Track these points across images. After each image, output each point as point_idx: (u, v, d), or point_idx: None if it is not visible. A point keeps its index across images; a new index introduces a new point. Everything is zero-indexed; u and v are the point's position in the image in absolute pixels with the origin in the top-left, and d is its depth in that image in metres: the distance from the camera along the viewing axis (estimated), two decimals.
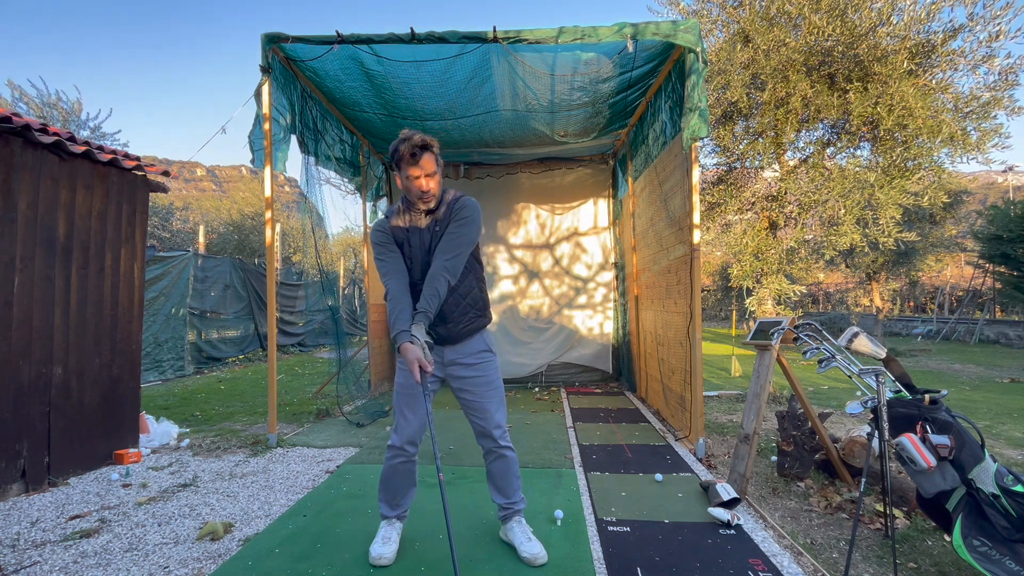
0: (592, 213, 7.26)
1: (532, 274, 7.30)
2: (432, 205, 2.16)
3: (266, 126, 4.07)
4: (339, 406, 5.28)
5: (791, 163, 7.76)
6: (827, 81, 6.83)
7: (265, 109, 4.07)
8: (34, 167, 3.15)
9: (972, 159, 6.78)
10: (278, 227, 14.86)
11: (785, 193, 7.39)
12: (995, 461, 2.09)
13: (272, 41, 3.98)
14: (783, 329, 2.96)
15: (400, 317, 2.10)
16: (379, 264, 2.22)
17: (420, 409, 2.24)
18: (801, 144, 7.83)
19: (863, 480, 2.15)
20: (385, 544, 2.28)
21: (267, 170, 4.15)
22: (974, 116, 6.57)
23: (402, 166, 2.10)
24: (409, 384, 2.22)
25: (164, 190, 4.19)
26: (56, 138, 3.19)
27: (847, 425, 4.55)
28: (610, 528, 2.58)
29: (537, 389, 6.68)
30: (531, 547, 2.24)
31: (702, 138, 3.73)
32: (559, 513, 2.69)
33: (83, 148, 3.37)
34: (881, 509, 2.69)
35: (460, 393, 2.30)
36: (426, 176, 2.09)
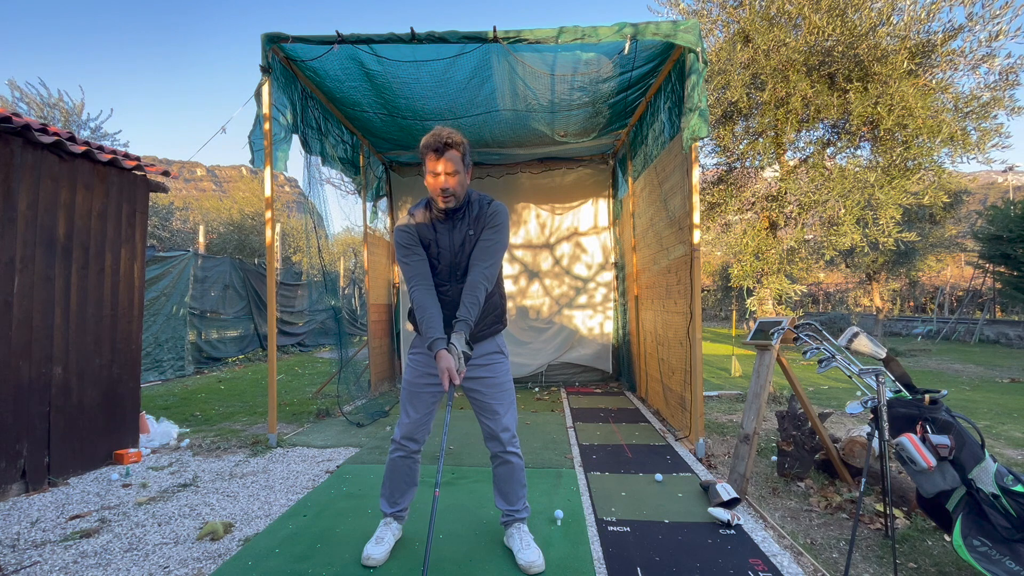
0: (592, 213, 7.26)
1: (532, 274, 7.30)
2: (451, 204, 2.10)
3: (266, 126, 4.07)
4: (339, 406, 5.28)
5: (791, 163, 7.76)
6: (827, 81, 6.82)
7: (265, 109, 4.07)
8: (34, 167, 3.15)
9: (972, 159, 6.78)
10: (278, 227, 14.87)
11: (785, 193, 7.39)
12: (995, 461, 2.09)
13: (272, 41, 3.98)
14: (783, 329, 2.96)
15: (431, 324, 2.07)
16: (404, 267, 2.18)
17: (423, 407, 2.24)
18: (801, 144, 7.83)
19: (863, 480, 2.15)
20: (378, 544, 2.27)
21: (267, 170, 4.15)
22: (974, 116, 6.56)
23: (424, 161, 2.08)
24: (416, 383, 2.24)
25: (164, 190, 4.19)
26: (56, 138, 3.19)
27: (847, 425, 4.55)
28: (610, 528, 2.58)
29: (537, 389, 6.68)
30: (527, 555, 2.19)
31: (702, 138, 3.73)
32: (559, 513, 2.69)
33: (83, 148, 3.37)
34: (881, 509, 2.69)
35: (470, 393, 2.28)
36: (445, 174, 2.04)
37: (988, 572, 1.90)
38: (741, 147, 7.65)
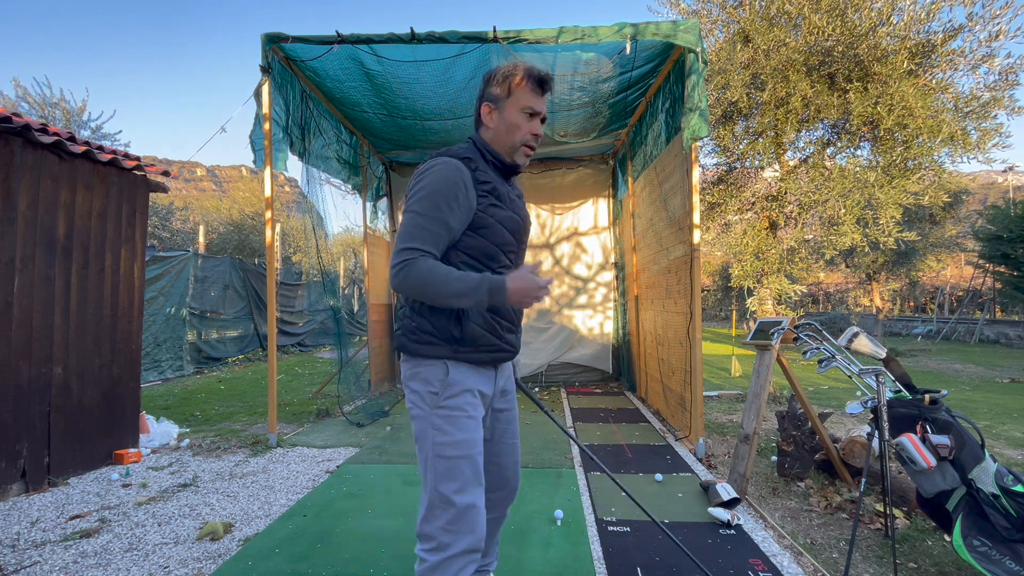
0: (592, 213, 7.26)
1: None
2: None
3: (266, 126, 4.07)
4: (339, 406, 5.28)
5: (791, 163, 7.77)
6: (827, 81, 6.83)
7: (265, 109, 4.07)
8: (34, 167, 3.15)
9: (972, 159, 6.80)
10: (278, 227, 14.87)
11: (785, 193, 7.40)
12: (995, 461, 2.09)
13: (272, 41, 3.98)
14: (783, 329, 2.96)
15: (468, 275, 1.34)
16: (444, 222, 1.36)
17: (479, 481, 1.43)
18: (801, 144, 7.85)
19: (863, 480, 2.15)
20: None
21: (267, 170, 4.15)
22: (974, 116, 6.57)
23: (518, 92, 1.45)
24: (472, 440, 1.40)
25: (164, 190, 4.19)
26: (56, 138, 3.19)
27: (847, 425, 4.55)
28: (610, 528, 2.58)
29: (537, 389, 6.68)
30: None
31: (702, 138, 3.73)
32: (559, 513, 2.69)
33: (83, 148, 3.37)
34: (881, 509, 2.69)
35: (494, 426, 1.62)
36: (541, 119, 1.51)
37: (988, 572, 1.90)
38: (741, 147, 7.65)
